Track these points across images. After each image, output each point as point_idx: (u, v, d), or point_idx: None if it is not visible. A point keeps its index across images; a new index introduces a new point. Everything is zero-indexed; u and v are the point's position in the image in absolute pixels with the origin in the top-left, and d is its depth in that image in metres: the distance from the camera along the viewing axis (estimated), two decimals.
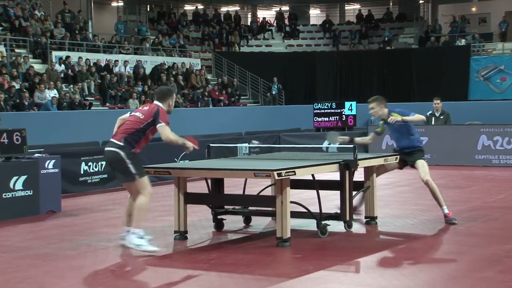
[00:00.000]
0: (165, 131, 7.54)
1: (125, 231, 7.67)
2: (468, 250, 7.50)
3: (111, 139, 7.67)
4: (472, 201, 11.15)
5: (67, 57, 23.95)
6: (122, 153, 7.49)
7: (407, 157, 9.30)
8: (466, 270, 6.67)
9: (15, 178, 10.26)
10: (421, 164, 9.21)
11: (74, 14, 27.67)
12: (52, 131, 17.18)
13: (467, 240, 8.11)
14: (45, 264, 7.18)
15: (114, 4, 33.51)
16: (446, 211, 9.13)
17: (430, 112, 16.56)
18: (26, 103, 19.89)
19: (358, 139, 9.47)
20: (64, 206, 11.12)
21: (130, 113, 7.89)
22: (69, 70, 23.42)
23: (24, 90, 20.40)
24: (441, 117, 16.50)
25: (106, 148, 7.67)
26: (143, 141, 7.66)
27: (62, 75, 23.01)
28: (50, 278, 6.64)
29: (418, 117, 9.17)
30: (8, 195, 10.14)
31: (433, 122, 16.61)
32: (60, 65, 23.49)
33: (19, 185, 10.32)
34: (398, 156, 9.28)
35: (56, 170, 11.02)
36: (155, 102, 7.78)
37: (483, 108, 22.48)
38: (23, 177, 10.35)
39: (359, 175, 9.01)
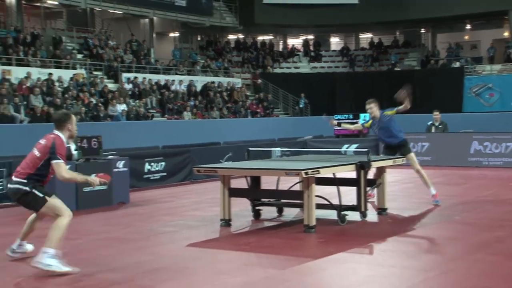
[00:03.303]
0: (59, 169, 5.77)
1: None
2: (463, 237, 7.38)
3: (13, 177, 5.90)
4: (466, 195, 10.96)
5: (134, 77, 24.16)
6: (26, 188, 5.81)
7: (397, 149, 9.73)
8: (462, 253, 6.55)
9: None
10: (411, 156, 9.75)
11: (139, 43, 27.94)
12: (122, 138, 17.35)
13: (462, 228, 7.98)
14: (115, 245, 7.23)
15: (171, 34, 33.73)
16: (434, 192, 9.63)
17: (431, 122, 16.36)
18: (102, 115, 20.11)
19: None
20: (132, 198, 11.21)
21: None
22: (136, 88, 23.64)
23: (100, 104, 20.63)
24: (440, 126, 16.27)
25: (9, 185, 5.97)
26: (51, 174, 5.97)
27: (130, 92, 23.23)
28: (121, 256, 6.69)
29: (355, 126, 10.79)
30: (87, 189, 10.25)
31: (433, 130, 16.40)
32: (128, 84, 23.71)
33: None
34: (404, 158, 9.43)
35: (125, 169, 11.12)
36: (54, 131, 5.96)
37: (474, 119, 22.13)
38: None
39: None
